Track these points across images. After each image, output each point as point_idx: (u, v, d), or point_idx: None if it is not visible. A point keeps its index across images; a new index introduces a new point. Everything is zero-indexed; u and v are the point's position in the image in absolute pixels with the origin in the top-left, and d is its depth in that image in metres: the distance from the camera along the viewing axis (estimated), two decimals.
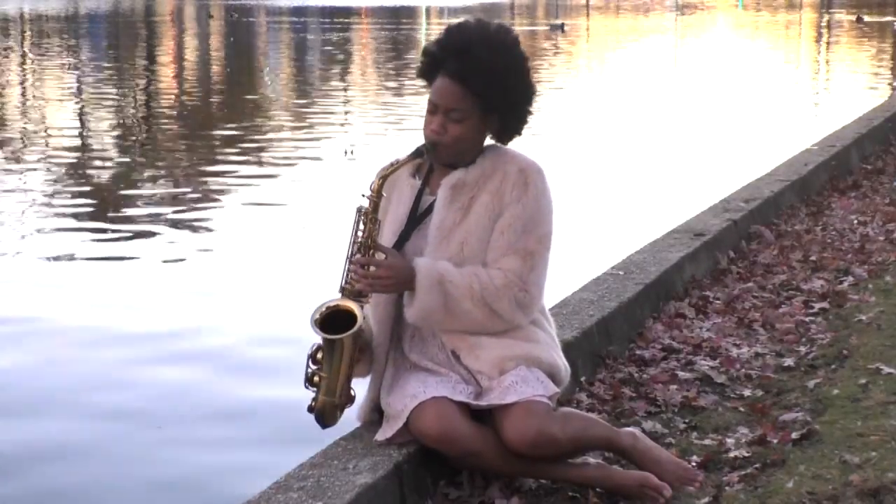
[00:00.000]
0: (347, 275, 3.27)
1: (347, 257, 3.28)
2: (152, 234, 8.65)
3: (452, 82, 3.25)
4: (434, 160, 3.34)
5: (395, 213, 3.35)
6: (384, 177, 3.28)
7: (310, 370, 3.29)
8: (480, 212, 3.29)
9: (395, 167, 3.30)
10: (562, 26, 37.48)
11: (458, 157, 3.32)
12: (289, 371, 5.39)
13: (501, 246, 3.27)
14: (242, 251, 8.08)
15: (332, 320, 3.23)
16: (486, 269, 3.26)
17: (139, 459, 4.68)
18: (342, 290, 3.28)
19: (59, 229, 8.70)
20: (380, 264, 3.23)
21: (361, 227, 3.26)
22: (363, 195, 3.28)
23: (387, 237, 3.33)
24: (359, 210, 3.27)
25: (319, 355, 3.27)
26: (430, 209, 3.35)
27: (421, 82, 3.42)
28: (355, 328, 3.21)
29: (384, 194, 3.29)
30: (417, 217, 3.36)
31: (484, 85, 3.24)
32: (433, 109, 3.28)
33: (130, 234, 8.60)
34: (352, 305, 3.24)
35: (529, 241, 3.28)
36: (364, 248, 3.25)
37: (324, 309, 3.25)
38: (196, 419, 5.09)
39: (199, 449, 4.79)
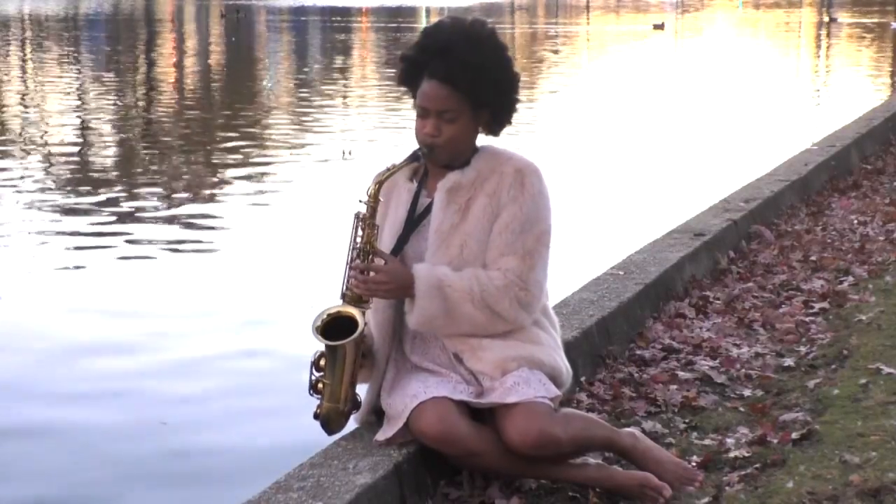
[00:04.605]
0: (348, 280, 3.27)
1: (347, 263, 3.28)
2: (149, 233, 8.65)
3: (440, 84, 3.24)
4: (431, 163, 3.34)
5: (394, 217, 3.35)
6: (380, 182, 3.27)
7: (313, 377, 3.28)
8: (478, 213, 3.28)
9: (391, 172, 3.29)
10: (662, 25, 41.81)
11: (454, 156, 3.32)
12: (287, 369, 5.42)
13: (500, 246, 3.27)
14: (240, 252, 8.08)
15: (333, 327, 3.23)
16: (485, 271, 3.26)
17: (140, 457, 4.68)
18: (343, 296, 3.27)
19: (57, 230, 8.70)
20: (378, 269, 3.23)
21: (360, 232, 3.25)
22: (360, 201, 3.28)
23: (386, 241, 3.33)
24: (357, 216, 3.26)
25: (322, 362, 3.27)
26: (427, 211, 3.34)
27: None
28: (356, 334, 3.21)
29: (381, 199, 3.28)
30: (415, 220, 3.35)
31: (471, 82, 3.24)
32: (424, 114, 3.27)
33: (130, 232, 8.59)
34: (353, 311, 3.23)
35: (528, 241, 3.27)
36: (363, 253, 3.25)
37: (325, 316, 3.25)
38: (196, 418, 5.09)
39: (200, 448, 4.79)
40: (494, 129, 3.39)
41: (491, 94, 3.29)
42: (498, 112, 3.34)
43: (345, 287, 3.27)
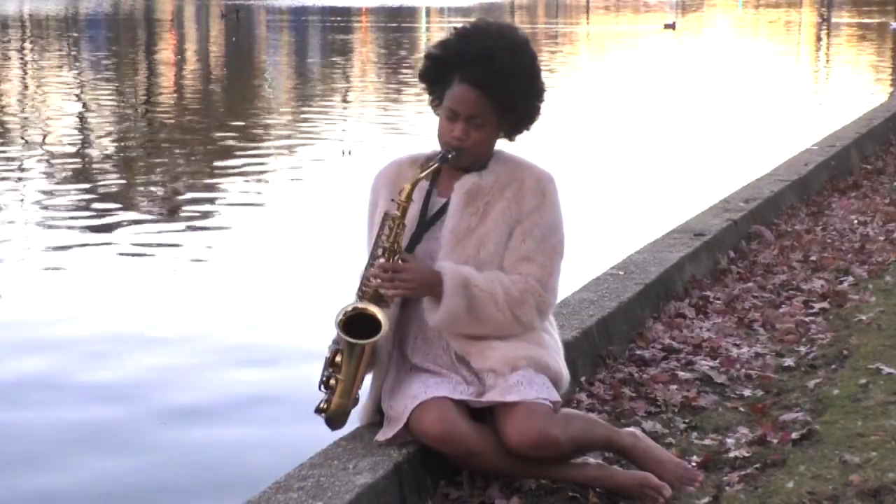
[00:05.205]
0: (368, 279, 3.24)
1: (368, 261, 3.26)
2: (147, 232, 8.65)
3: (473, 89, 3.24)
4: (455, 165, 3.33)
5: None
6: (416, 182, 3.25)
7: (326, 372, 3.27)
8: (498, 218, 3.29)
9: (425, 172, 3.26)
10: (673, 24, 41.77)
11: (477, 160, 3.33)
12: (287, 369, 5.43)
13: (521, 252, 3.29)
14: (241, 250, 8.08)
15: (351, 323, 3.21)
16: (506, 275, 3.27)
17: (140, 458, 4.68)
18: (362, 294, 3.25)
19: (57, 230, 8.71)
20: (404, 268, 3.22)
21: (387, 231, 3.24)
22: (392, 199, 3.25)
23: None
24: (386, 214, 3.25)
25: (338, 358, 3.25)
26: (440, 212, 3.34)
27: (419, 84, 3.41)
28: (381, 333, 3.20)
29: (413, 199, 3.26)
30: (428, 220, 3.35)
31: (506, 91, 3.26)
32: (453, 116, 3.27)
33: (129, 234, 8.60)
34: (375, 310, 3.21)
35: (547, 248, 3.30)
36: (389, 252, 3.24)
37: (350, 309, 3.22)
38: (196, 419, 5.09)
39: (200, 449, 4.79)
40: (512, 135, 3.40)
41: (521, 102, 3.31)
42: (522, 119, 3.36)
43: (362, 285, 3.25)
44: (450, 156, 3.27)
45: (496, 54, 3.25)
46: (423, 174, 3.27)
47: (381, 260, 3.23)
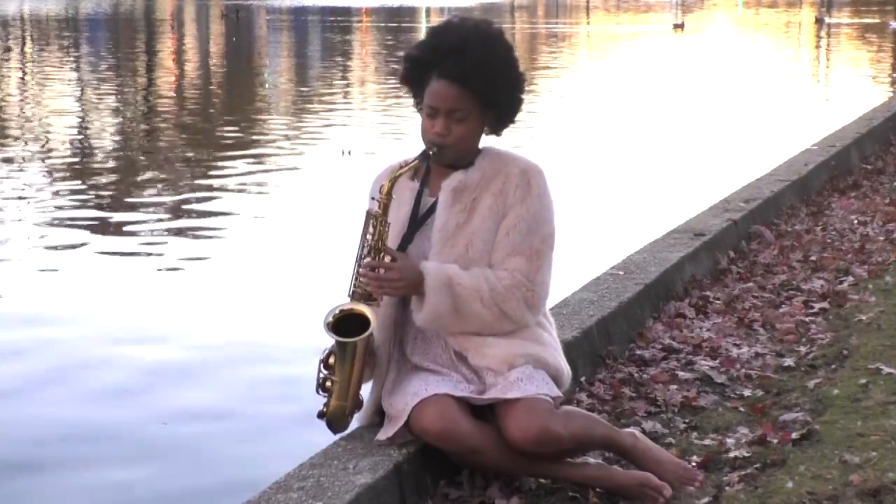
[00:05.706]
0: (357, 278, 3.26)
1: (357, 260, 3.27)
2: (150, 233, 8.66)
3: (451, 84, 3.24)
4: (438, 162, 3.33)
5: (397, 216, 3.33)
6: (394, 178, 3.26)
7: (322, 375, 3.27)
8: (484, 213, 3.29)
9: (405, 169, 3.28)
10: (682, 24, 42.07)
11: (462, 156, 3.32)
12: (288, 369, 5.43)
13: (507, 246, 3.28)
14: (241, 250, 8.08)
15: (343, 324, 3.21)
16: (493, 271, 3.27)
17: (141, 458, 4.69)
18: (353, 293, 3.26)
19: (57, 230, 8.71)
20: (390, 267, 3.23)
21: (371, 229, 3.24)
22: (372, 198, 3.27)
23: (390, 240, 3.31)
24: (368, 212, 3.26)
25: (332, 360, 3.25)
26: (430, 211, 3.34)
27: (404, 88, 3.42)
28: (369, 331, 3.20)
29: (394, 196, 3.28)
30: (419, 219, 3.35)
31: (483, 82, 3.24)
32: (433, 113, 3.27)
33: (129, 234, 8.59)
34: (363, 309, 3.21)
35: (534, 242, 3.28)
36: (374, 250, 3.24)
37: (337, 311, 3.23)
38: (196, 419, 5.09)
39: (200, 448, 4.79)
40: (498, 129, 3.39)
41: (501, 93, 3.30)
42: (505, 112, 3.35)
43: (353, 284, 3.26)
44: (431, 152, 3.27)
45: (469, 46, 3.24)
46: (402, 171, 3.27)
47: (368, 259, 3.24)
